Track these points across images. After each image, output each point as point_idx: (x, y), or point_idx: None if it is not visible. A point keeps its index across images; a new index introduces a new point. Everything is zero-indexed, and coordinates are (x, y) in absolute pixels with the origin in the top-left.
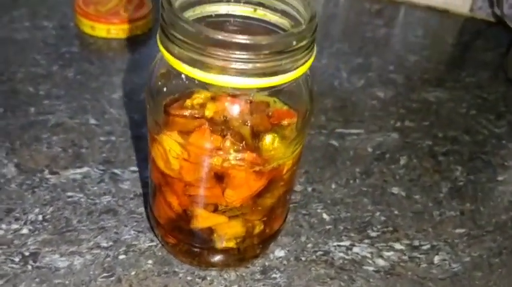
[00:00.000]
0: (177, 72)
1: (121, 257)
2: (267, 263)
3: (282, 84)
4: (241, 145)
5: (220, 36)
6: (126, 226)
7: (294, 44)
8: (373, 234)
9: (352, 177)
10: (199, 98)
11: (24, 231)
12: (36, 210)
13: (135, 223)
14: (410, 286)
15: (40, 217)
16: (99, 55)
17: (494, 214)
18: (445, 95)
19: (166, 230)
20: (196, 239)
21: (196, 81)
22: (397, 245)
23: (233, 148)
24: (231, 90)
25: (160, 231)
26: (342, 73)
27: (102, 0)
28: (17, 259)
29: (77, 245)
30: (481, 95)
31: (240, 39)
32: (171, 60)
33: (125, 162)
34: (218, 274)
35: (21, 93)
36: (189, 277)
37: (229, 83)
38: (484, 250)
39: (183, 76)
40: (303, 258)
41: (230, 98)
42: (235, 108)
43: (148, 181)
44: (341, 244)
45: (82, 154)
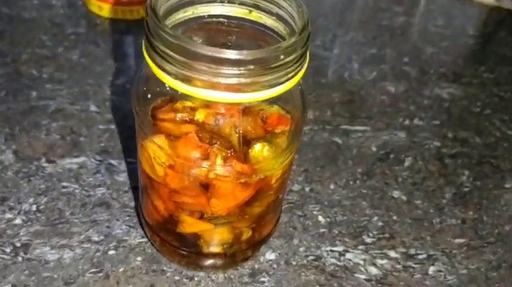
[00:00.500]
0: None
1: (111, 252)
2: (256, 266)
3: (270, 98)
4: (229, 152)
5: (204, 51)
6: (118, 220)
7: (281, 58)
8: (368, 240)
9: (352, 178)
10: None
11: (18, 221)
12: (31, 200)
13: (127, 218)
14: None
15: (34, 207)
16: (106, 37)
17: (497, 224)
18: (459, 92)
19: (154, 231)
20: (183, 243)
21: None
22: (392, 253)
23: (220, 155)
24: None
25: (149, 230)
26: (354, 64)
27: None
28: (8, 250)
29: (68, 238)
30: (498, 93)
31: (225, 54)
32: (154, 70)
33: (122, 153)
34: (206, 275)
35: (24, 76)
36: (177, 277)
37: (213, 98)
38: (483, 263)
39: (167, 85)
40: (294, 262)
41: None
42: (228, 113)
43: None
44: (334, 249)
45: (80, 143)
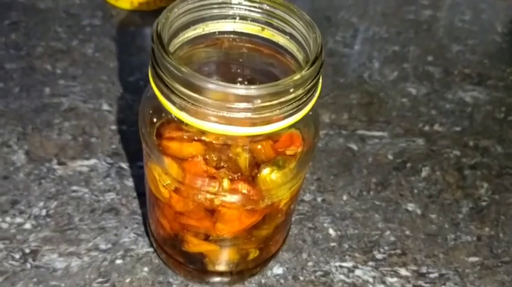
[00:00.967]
0: None
1: (118, 262)
2: (263, 281)
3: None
4: (236, 176)
5: (210, 86)
6: (126, 227)
7: (291, 91)
8: (379, 256)
9: (366, 188)
10: None
11: (27, 226)
12: (41, 203)
13: (136, 225)
14: None
15: (44, 212)
16: (121, 30)
17: None
18: (484, 96)
19: (160, 244)
20: (189, 260)
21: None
22: (403, 271)
23: (227, 178)
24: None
25: (155, 242)
26: (374, 63)
27: None
28: (17, 256)
29: (76, 246)
30: None
31: (232, 89)
32: (160, 98)
33: (133, 156)
34: (212, 281)
35: (38, 71)
36: None
37: (220, 131)
38: (496, 283)
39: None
40: (301, 277)
41: None
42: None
43: None
44: (343, 264)
45: (91, 144)
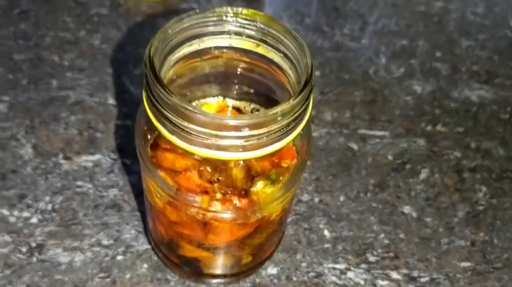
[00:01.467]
0: None
1: (119, 257)
2: (257, 280)
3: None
4: (229, 190)
5: (200, 116)
6: (128, 224)
7: (279, 119)
8: (372, 259)
9: (364, 189)
10: None
11: (34, 220)
12: (47, 198)
13: (136, 222)
14: None
15: (50, 207)
16: (128, 20)
17: (507, 248)
18: (490, 95)
19: (157, 244)
20: (184, 262)
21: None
22: (394, 275)
23: (220, 192)
24: None
25: (153, 242)
26: (381, 58)
27: None
28: (24, 250)
29: (79, 241)
30: None
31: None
32: (153, 120)
33: (136, 152)
34: (208, 286)
35: (46, 63)
36: None
37: (210, 155)
38: None
39: None
40: (295, 278)
41: None
42: None
43: None
44: (336, 266)
45: (96, 139)
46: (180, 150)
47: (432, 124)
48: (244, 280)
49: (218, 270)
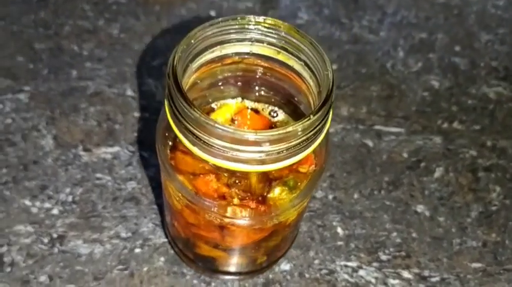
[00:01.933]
0: None
1: (137, 250)
2: (270, 276)
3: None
4: (247, 195)
5: (220, 131)
6: (145, 217)
7: (299, 134)
8: (384, 257)
9: (378, 187)
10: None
11: (55, 212)
12: (68, 190)
13: (154, 216)
14: None
15: (70, 198)
16: (146, 9)
17: None
18: (508, 92)
19: (173, 239)
20: (200, 259)
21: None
22: (405, 274)
23: (237, 197)
24: None
25: (169, 236)
26: (399, 52)
27: None
28: (46, 240)
29: (99, 233)
30: None
31: (241, 135)
32: (175, 130)
33: (153, 144)
34: (222, 281)
35: (65, 52)
36: (195, 281)
37: (231, 167)
38: None
39: None
40: (307, 275)
41: None
42: None
43: None
44: (348, 264)
45: (115, 131)
46: None
47: (449, 121)
48: (257, 276)
49: (233, 268)
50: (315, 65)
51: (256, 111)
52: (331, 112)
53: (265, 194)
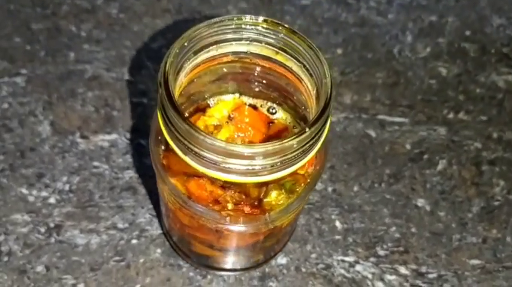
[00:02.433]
0: None
1: (133, 241)
2: (267, 270)
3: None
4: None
5: (212, 143)
6: (142, 207)
7: (295, 147)
8: (382, 252)
9: (378, 180)
10: (214, 117)
11: (52, 201)
12: (64, 178)
13: (151, 206)
14: None
15: (67, 187)
16: None
17: None
18: None
19: (169, 233)
20: (195, 256)
21: None
22: (402, 269)
23: (232, 201)
24: None
25: (164, 229)
26: (407, 36)
27: None
28: (43, 230)
29: (95, 223)
30: None
31: (233, 148)
32: (167, 138)
33: None
34: (219, 274)
35: (63, 33)
36: (191, 273)
37: (223, 178)
38: None
39: None
40: (304, 269)
41: None
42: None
43: None
44: (345, 259)
45: (113, 118)
46: None
47: (455, 111)
48: (254, 270)
49: (228, 265)
50: (313, 69)
51: (254, 107)
52: (328, 122)
53: (261, 198)
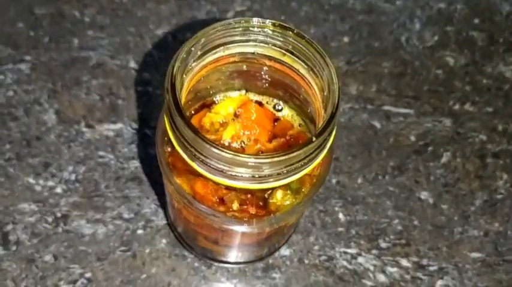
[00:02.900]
0: None
1: (139, 232)
2: (270, 261)
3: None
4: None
5: (218, 152)
6: (148, 198)
7: (301, 157)
8: (384, 245)
9: (382, 172)
10: (220, 114)
11: (58, 190)
12: (70, 168)
13: (156, 197)
14: None
15: (73, 177)
16: None
17: None
18: None
19: (174, 224)
20: (199, 248)
21: None
22: (404, 262)
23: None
24: None
25: (169, 219)
26: (415, 24)
27: None
28: (50, 219)
29: (102, 213)
30: None
31: (237, 157)
32: (175, 144)
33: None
34: (223, 266)
35: (66, 19)
36: (196, 264)
37: (229, 184)
38: (492, 282)
39: None
40: (306, 261)
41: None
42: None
43: None
44: (348, 251)
45: (118, 107)
46: None
47: (461, 103)
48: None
49: (232, 259)
50: (321, 73)
51: (260, 103)
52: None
53: (267, 198)
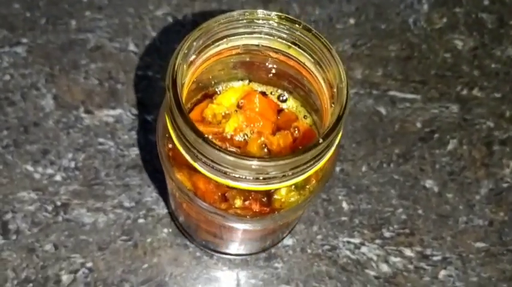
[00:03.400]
0: None
1: (140, 221)
2: (273, 251)
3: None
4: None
5: (219, 154)
6: (149, 186)
7: (308, 159)
8: (387, 234)
9: (387, 160)
10: (223, 105)
11: (58, 178)
12: (70, 155)
13: (157, 184)
14: None
15: (73, 164)
16: None
17: None
18: None
19: (175, 216)
20: (200, 241)
21: None
22: (407, 252)
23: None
24: None
25: (170, 209)
26: (423, 5)
27: None
28: (50, 208)
29: (102, 201)
30: None
31: (241, 160)
32: (176, 143)
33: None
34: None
35: None
36: (198, 253)
37: (232, 185)
38: (496, 272)
39: None
40: (309, 250)
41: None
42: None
43: None
44: (351, 240)
45: (117, 91)
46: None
47: (468, 88)
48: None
49: (234, 251)
50: (328, 69)
51: (263, 94)
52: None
53: (271, 194)
